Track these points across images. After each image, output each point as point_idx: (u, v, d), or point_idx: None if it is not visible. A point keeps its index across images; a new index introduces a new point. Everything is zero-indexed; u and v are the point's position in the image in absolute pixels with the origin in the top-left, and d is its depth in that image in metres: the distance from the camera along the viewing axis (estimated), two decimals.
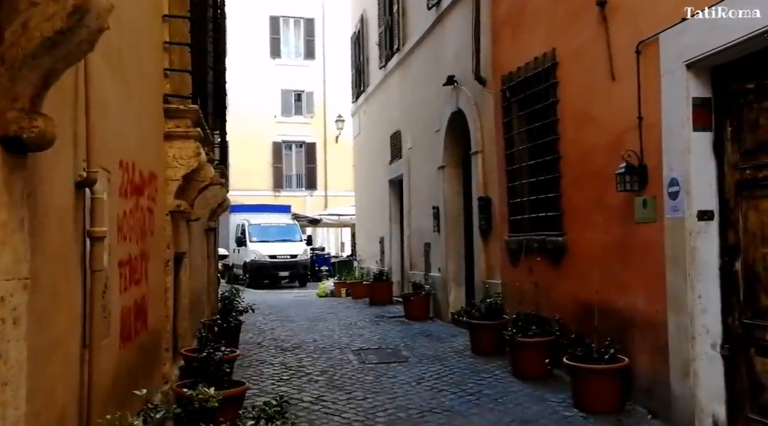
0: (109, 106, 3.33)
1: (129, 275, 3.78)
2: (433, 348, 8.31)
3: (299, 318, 11.71)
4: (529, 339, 6.63)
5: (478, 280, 9.09)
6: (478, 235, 9.05)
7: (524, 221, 7.72)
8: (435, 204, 10.87)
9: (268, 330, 10.19)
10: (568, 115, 6.72)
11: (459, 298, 10.29)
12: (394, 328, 10.01)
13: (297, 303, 15.15)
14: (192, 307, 7.36)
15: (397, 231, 14.11)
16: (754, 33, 4.24)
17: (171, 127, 5.23)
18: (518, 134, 7.84)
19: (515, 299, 7.62)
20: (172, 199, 5.23)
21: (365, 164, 17.00)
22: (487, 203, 8.79)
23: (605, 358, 5.54)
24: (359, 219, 18.18)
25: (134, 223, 3.99)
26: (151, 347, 4.57)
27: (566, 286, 6.75)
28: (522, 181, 7.72)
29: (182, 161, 5.26)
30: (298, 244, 22.78)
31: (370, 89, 16.05)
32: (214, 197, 8.96)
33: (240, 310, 8.49)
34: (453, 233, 10.39)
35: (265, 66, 32.90)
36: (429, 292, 10.92)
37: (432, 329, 9.82)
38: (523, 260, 7.59)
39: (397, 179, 13.78)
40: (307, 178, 33.51)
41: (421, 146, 11.96)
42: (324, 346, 8.59)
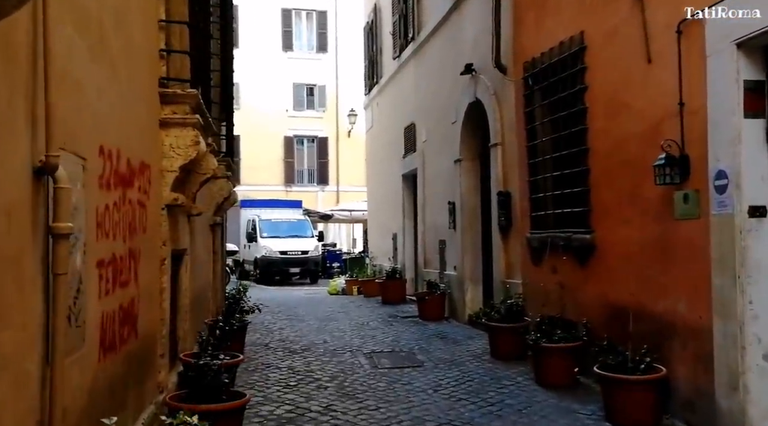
0: (84, 85, 2.89)
1: (112, 277, 3.35)
2: (449, 351, 7.85)
3: (309, 317, 11.29)
4: (555, 344, 6.15)
5: (496, 280, 8.62)
6: (497, 231, 8.57)
7: (547, 217, 7.23)
8: (451, 199, 10.40)
9: (277, 330, 9.77)
10: (598, 103, 6.22)
11: (476, 298, 9.82)
12: (407, 329, 9.56)
13: (307, 301, 14.74)
14: (194, 308, 6.94)
15: (411, 227, 13.65)
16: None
17: (167, 114, 4.79)
18: (541, 125, 7.34)
19: (538, 301, 7.14)
20: (168, 192, 4.80)
21: (378, 158, 16.54)
22: (506, 198, 8.31)
23: (641, 368, 5.05)
24: (371, 215, 17.74)
25: (120, 218, 3.56)
26: (142, 355, 4.14)
27: (594, 287, 6.26)
28: (545, 174, 7.23)
29: (179, 151, 4.83)
30: (309, 240, 22.38)
31: (383, 81, 15.57)
32: (220, 191, 8.53)
33: (246, 309, 8.05)
34: (470, 230, 9.91)
35: (277, 59, 32.50)
36: (444, 292, 10.45)
37: (448, 331, 9.36)
38: (546, 259, 7.10)
39: (411, 173, 13.31)
40: (318, 173, 33.10)
41: (437, 139, 11.48)
42: (334, 349, 8.15)
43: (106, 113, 3.29)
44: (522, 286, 7.80)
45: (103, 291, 3.19)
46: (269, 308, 12.50)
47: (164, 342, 4.79)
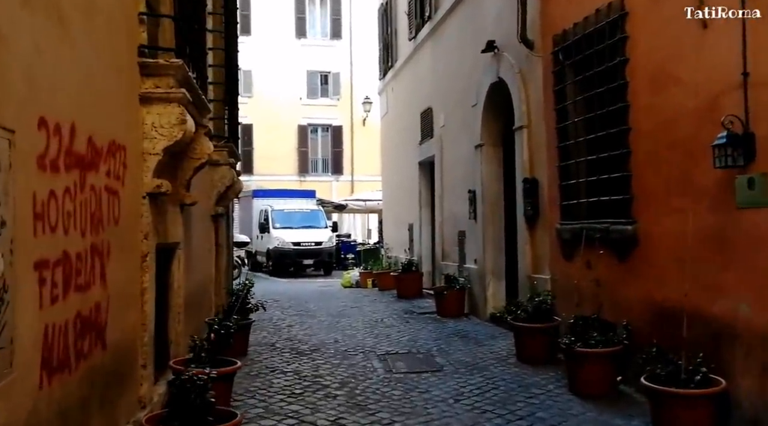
0: (12, 42, 2.25)
1: (63, 280, 2.73)
2: (471, 353, 7.18)
3: (320, 313, 10.67)
4: (592, 349, 5.46)
5: (522, 275, 7.92)
6: (523, 222, 7.87)
7: (580, 206, 6.52)
8: (471, 187, 9.70)
9: (285, 327, 9.16)
10: (641, 77, 5.49)
11: (498, 294, 9.14)
12: (425, 327, 8.90)
13: (320, 294, 14.13)
14: (191, 307, 6.33)
15: (428, 217, 12.97)
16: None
17: (148, 88, 4.15)
18: (573, 104, 6.62)
19: (570, 299, 6.44)
20: (150, 178, 4.16)
21: (393, 145, 15.85)
22: (533, 186, 7.60)
23: (695, 380, 4.35)
24: (386, 204, 17.06)
25: (77, 208, 2.93)
26: (115, 368, 3.53)
27: (637, 285, 5.56)
28: (578, 159, 6.52)
29: (163, 131, 4.18)
30: (323, 231, 21.77)
31: (399, 64, 14.85)
32: (222, 179, 7.91)
33: (249, 307, 7.42)
34: (492, 220, 9.22)
35: (291, 46, 31.87)
36: (464, 287, 9.77)
37: (468, 329, 8.69)
38: (579, 253, 6.40)
39: (428, 161, 12.61)
40: (333, 162, 32.49)
41: (456, 124, 10.77)
42: (346, 349, 7.52)
43: (51, 78, 2.64)
44: (551, 282, 7.11)
45: (47, 298, 2.56)
46: (279, 303, 11.95)
47: (147, 350, 4.17)
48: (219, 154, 7.90)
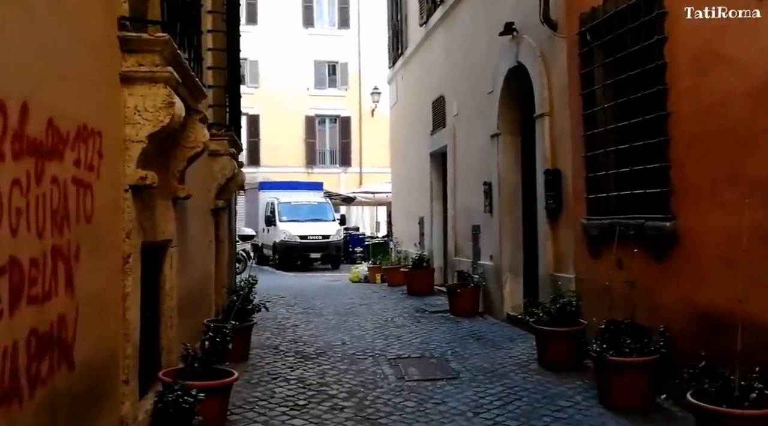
0: None
1: (11, 291, 2.24)
2: (488, 358, 6.68)
3: (328, 310, 10.19)
4: (626, 358, 4.94)
5: (543, 273, 7.39)
6: (544, 217, 7.34)
7: (609, 200, 5.99)
8: (486, 179, 9.17)
9: (290, 327, 8.68)
10: (683, 56, 4.94)
11: (516, 293, 8.62)
12: (438, 328, 8.40)
13: (327, 290, 13.66)
14: (187, 309, 5.86)
15: (440, 210, 12.44)
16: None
17: (130, 66, 3.65)
18: (602, 88, 6.08)
19: (597, 301, 5.93)
20: (133, 169, 3.66)
21: (403, 136, 15.31)
22: (556, 177, 7.07)
23: (751, 398, 3.83)
24: (396, 197, 16.54)
25: (32, 204, 2.43)
26: (87, 389, 3.05)
27: (676, 288, 5.03)
28: (607, 148, 5.98)
29: (147, 115, 3.68)
30: (330, 224, 21.28)
31: (409, 51, 14.29)
32: (222, 170, 7.42)
33: (250, 308, 6.91)
34: (509, 214, 8.69)
35: (298, 36, 31.31)
36: (479, 284, 9.26)
37: (484, 330, 8.18)
38: (608, 250, 5.87)
39: (440, 151, 12.07)
40: (341, 154, 31.97)
41: (470, 112, 10.23)
42: (354, 353, 7.03)
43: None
44: (575, 281, 6.59)
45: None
46: (284, 300, 11.48)
47: (129, 363, 3.68)
48: (219, 143, 7.42)
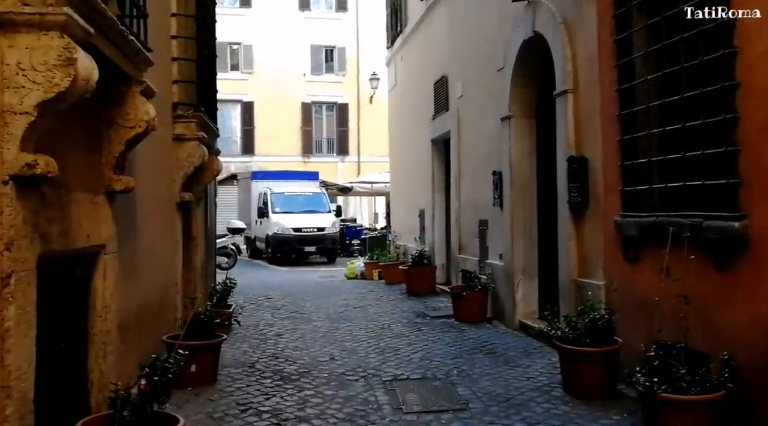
0: None
1: None
2: (502, 380, 5.62)
3: (318, 315, 9.14)
4: (684, 396, 3.88)
5: (564, 277, 6.33)
6: (566, 212, 6.27)
7: (652, 193, 4.92)
8: (496, 168, 8.09)
9: (272, 337, 7.62)
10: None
11: (530, 298, 7.57)
12: (441, 338, 7.34)
13: (320, 288, 12.61)
14: (137, 328, 4.82)
15: (442, 202, 11.37)
16: None
17: (9, 6, 2.57)
18: (643, 57, 4.99)
19: (635, 315, 4.90)
20: (15, 153, 2.59)
21: (402, 121, 14.21)
22: (581, 166, 5.99)
23: None
24: (395, 187, 15.46)
25: None
26: None
27: (745, 304, 3.97)
28: (650, 130, 4.90)
29: (37, 75, 2.61)
30: (326, 216, 20.20)
31: (409, 29, 13.16)
32: (189, 157, 6.37)
33: (217, 322, 5.79)
34: (522, 208, 7.62)
35: (293, 19, 30.10)
36: (486, 287, 8.20)
37: (494, 341, 7.13)
38: (650, 254, 4.82)
39: (443, 137, 11.00)
40: (338, 142, 30.82)
41: (476, 93, 9.14)
42: (343, 372, 5.98)
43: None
44: (605, 290, 5.53)
45: None
46: (271, 301, 10.47)
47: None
48: (185, 126, 6.37)
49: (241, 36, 29.08)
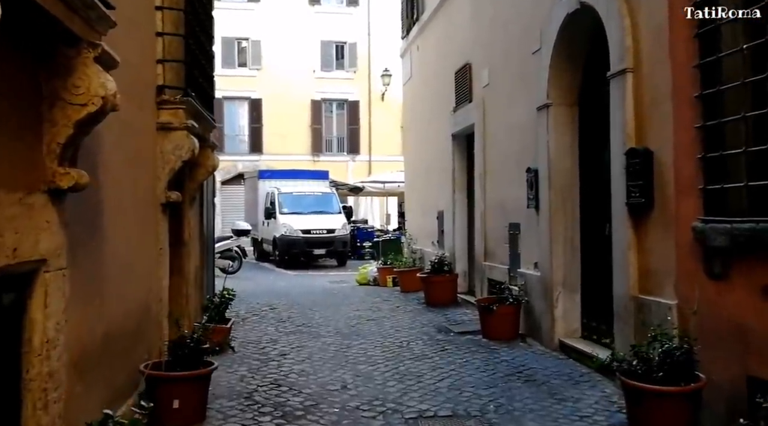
0: None
1: None
2: (550, 420, 4.63)
3: (327, 329, 8.18)
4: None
5: (620, 294, 5.31)
6: (623, 215, 5.25)
7: (748, 193, 3.91)
8: (531, 165, 7.10)
9: (275, 357, 6.66)
10: None
11: (571, 314, 6.57)
12: (470, 361, 6.35)
13: (330, 295, 11.65)
14: (104, 360, 3.87)
15: (464, 204, 10.39)
16: None
17: None
18: (731, 25, 3.99)
19: (724, 345, 3.90)
20: None
21: (418, 115, 13.22)
22: (645, 160, 4.96)
23: None
24: (410, 186, 14.47)
25: None
26: None
27: None
28: (745, 112, 3.88)
29: None
30: (336, 217, 19.21)
31: (426, 15, 12.17)
32: (176, 150, 5.41)
33: (207, 347, 4.80)
34: (563, 210, 6.62)
35: (303, 14, 29.15)
36: (519, 300, 7.21)
37: (533, 365, 6.13)
38: (745, 270, 3.82)
39: (465, 132, 10.01)
40: (348, 140, 29.84)
41: (506, 81, 8.15)
42: (358, 405, 5.00)
43: None
44: (677, 311, 4.52)
45: None
46: (276, 312, 9.52)
47: None
48: (172, 113, 5.43)
49: (249, 31, 28.24)
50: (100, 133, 3.88)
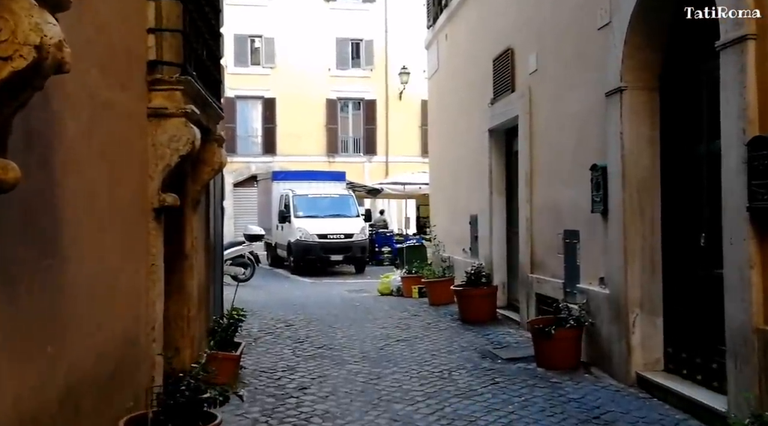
0: None
1: None
2: None
3: (352, 351, 7.09)
4: None
5: (737, 325, 4.15)
6: (741, 224, 4.10)
7: None
8: (597, 161, 5.96)
9: (293, 392, 5.56)
10: None
11: (652, 341, 5.42)
12: (528, 400, 5.20)
13: (351, 307, 10.56)
14: (65, 422, 2.79)
15: (502, 207, 9.27)
16: None
17: None
18: None
19: None
20: None
21: (446, 111, 12.10)
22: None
23: None
24: (436, 188, 13.34)
25: None
26: None
27: None
28: None
29: None
30: (354, 221, 18.12)
31: (456, 1, 11.05)
32: (173, 142, 4.32)
33: (208, 396, 3.71)
34: (640, 216, 5.48)
35: (318, 11, 28.14)
36: (581, 322, 6.08)
37: (608, 405, 4.98)
38: None
39: (505, 127, 8.90)
40: (365, 141, 28.77)
41: (559, 64, 7.03)
42: None
43: None
44: None
45: None
46: (293, 329, 8.46)
47: None
48: (167, 96, 4.37)
49: (262, 29, 27.32)
50: (61, 114, 2.83)
